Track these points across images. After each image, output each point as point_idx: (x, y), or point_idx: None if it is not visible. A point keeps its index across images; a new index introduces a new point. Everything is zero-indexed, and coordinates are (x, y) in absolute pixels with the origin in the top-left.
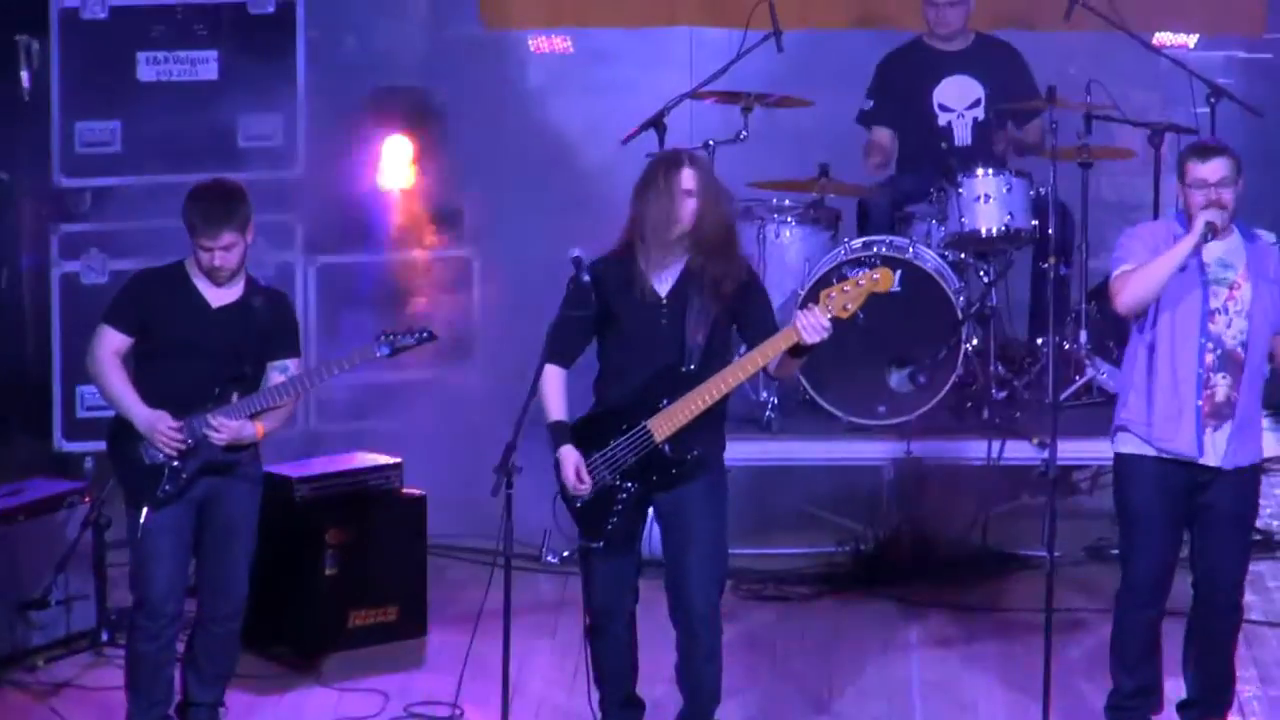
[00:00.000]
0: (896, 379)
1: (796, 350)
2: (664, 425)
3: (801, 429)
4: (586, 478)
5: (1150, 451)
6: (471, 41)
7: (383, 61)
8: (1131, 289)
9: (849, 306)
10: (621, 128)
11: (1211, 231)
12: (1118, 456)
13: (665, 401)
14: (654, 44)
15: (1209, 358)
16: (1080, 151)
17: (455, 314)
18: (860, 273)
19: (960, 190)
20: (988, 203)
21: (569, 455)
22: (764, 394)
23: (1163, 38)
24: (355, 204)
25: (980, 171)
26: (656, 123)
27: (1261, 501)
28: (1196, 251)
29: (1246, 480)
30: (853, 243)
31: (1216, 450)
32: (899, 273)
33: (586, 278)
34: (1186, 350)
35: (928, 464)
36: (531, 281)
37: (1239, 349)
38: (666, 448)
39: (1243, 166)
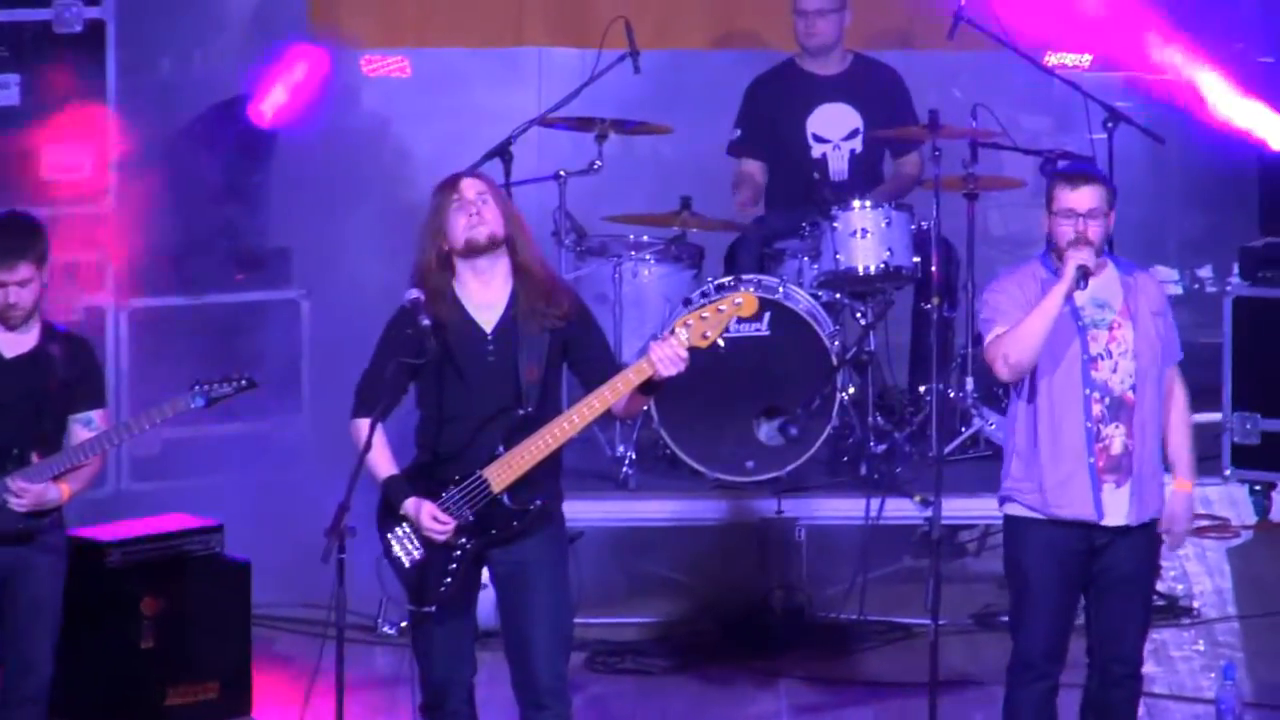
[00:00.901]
0: (766, 431)
1: (648, 385)
2: (502, 474)
3: (662, 487)
4: (446, 517)
5: (1042, 516)
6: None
7: (202, 84)
8: (1010, 356)
9: (708, 335)
10: (464, 156)
11: (1084, 276)
12: (1007, 518)
13: (502, 448)
14: (499, 65)
15: (1097, 409)
16: (966, 181)
17: (282, 361)
18: (720, 297)
19: (835, 224)
20: (865, 238)
21: (418, 506)
22: (620, 448)
23: (1056, 58)
24: (172, 242)
25: (857, 204)
26: (502, 151)
27: (1165, 564)
28: (1070, 297)
29: (1146, 539)
30: (717, 282)
31: (1118, 508)
32: (768, 315)
33: (427, 321)
34: (1071, 405)
35: (800, 524)
36: (366, 325)
37: (1129, 393)
38: (506, 498)
39: (1116, 199)
